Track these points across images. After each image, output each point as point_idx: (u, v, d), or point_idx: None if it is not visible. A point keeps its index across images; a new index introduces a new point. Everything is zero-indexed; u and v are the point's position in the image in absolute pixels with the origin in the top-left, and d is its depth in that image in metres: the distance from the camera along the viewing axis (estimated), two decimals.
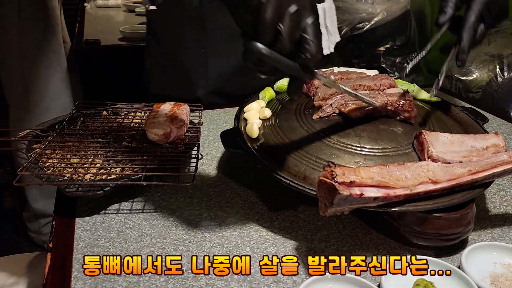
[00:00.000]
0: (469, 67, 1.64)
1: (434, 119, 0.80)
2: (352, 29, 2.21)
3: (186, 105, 0.89)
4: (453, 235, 0.63)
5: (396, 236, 0.66)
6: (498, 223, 0.72)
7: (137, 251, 0.63)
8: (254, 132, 0.75)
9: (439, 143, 0.68)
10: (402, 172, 0.61)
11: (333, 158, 0.68)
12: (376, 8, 2.20)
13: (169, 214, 0.71)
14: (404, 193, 0.59)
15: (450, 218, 0.62)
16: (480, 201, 0.77)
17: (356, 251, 0.65)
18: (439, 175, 0.62)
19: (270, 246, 0.65)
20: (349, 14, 2.20)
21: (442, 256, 0.64)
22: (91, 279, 0.58)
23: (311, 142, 0.71)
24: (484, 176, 0.64)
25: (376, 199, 0.58)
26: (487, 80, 1.55)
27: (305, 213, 0.73)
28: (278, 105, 0.83)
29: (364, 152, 0.69)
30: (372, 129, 0.73)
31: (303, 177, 0.66)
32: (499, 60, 1.56)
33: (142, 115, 0.93)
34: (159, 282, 0.58)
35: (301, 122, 0.76)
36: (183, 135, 0.84)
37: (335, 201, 0.55)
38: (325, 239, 0.67)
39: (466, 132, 0.79)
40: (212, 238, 0.67)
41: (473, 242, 0.67)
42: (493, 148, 0.70)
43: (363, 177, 0.58)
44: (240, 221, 0.70)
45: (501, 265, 0.62)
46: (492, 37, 1.64)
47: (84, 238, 0.66)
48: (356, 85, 0.84)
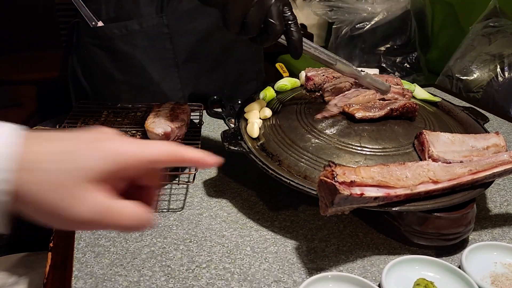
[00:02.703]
0: (469, 66, 1.64)
1: (434, 118, 0.80)
2: (352, 29, 2.22)
3: (186, 105, 0.89)
4: (454, 234, 0.63)
5: (397, 236, 0.66)
6: (498, 223, 0.72)
7: (138, 251, 0.63)
8: (254, 131, 0.75)
9: (440, 142, 0.68)
10: (403, 172, 0.61)
11: (333, 158, 0.68)
12: (376, 8, 2.21)
13: (169, 213, 0.71)
14: (405, 192, 0.59)
15: (450, 217, 0.62)
16: (481, 201, 0.77)
17: (356, 251, 0.65)
18: (440, 175, 0.62)
19: (270, 246, 0.65)
20: (349, 14, 2.21)
21: (442, 256, 0.64)
22: (91, 278, 0.58)
23: (312, 141, 0.71)
24: (485, 176, 0.64)
25: (376, 199, 0.58)
26: (488, 80, 1.55)
27: (306, 213, 0.73)
28: (278, 105, 0.83)
29: (364, 152, 0.69)
30: (373, 129, 0.73)
31: (303, 176, 0.66)
32: (499, 60, 1.56)
33: (143, 114, 0.93)
34: (159, 282, 0.58)
35: (301, 121, 0.76)
36: (183, 134, 0.84)
37: (335, 200, 0.55)
38: (326, 238, 0.67)
39: (466, 132, 0.79)
40: (212, 237, 0.67)
41: (474, 241, 0.66)
42: (494, 148, 0.70)
43: (364, 176, 0.58)
44: (240, 221, 0.70)
45: (502, 264, 0.62)
46: (493, 37, 1.64)
47: (84, 237, 0.66)
48: None
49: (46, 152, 0.35)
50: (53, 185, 0.35)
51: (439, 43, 2.29)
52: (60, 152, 0.36)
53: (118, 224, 0.38)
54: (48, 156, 0.35)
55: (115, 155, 0.37)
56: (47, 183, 0.35)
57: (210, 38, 1.06)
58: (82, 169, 0.36)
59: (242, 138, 0.74)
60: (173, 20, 1.01)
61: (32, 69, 2.45)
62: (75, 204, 0.35)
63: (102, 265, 0.61)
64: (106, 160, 0.36)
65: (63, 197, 0.35)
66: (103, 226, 0.38)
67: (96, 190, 0.36)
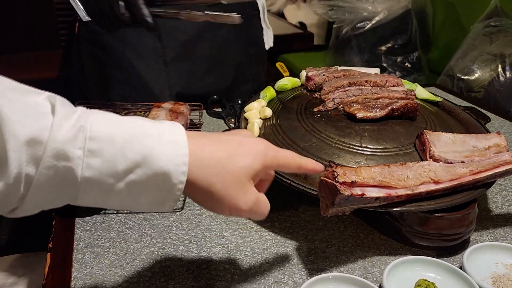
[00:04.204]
0: (471, 66, 1.64)
1: (436, 118, 0.80)
2: (353, 29, 2.21)
3: (186, 105, 0.89)
4: (455, 235, 0.63)
5: (398, 237, 0.66)
6: (500, 223, 0.72)
7: (137, 251, 0.63)
8: (254, 131, 0.75)
9: (441, 142, 0.67)
10: (404, 172, 0.60)
11: (334, 158, 0.67)
12: (377, 7, 2.20)
13: (169, 214, 0.71)
14: (406, 193, 0.59)
15: (452, 218, 0.61)
16: (482, 201, 0.77)
17: (357, 252, 0.65)
18: (441, 175, 0.62)
19: (271, 247, 0.65)
20: (349, 13, 2.20)
21: (444, 257, 0.64)
22: (91, 279, 0.58)
23: (312, 141, 0.71)
24: (486, 176, 0.64)
25: (377, 199, 0.58)
26: (489, 80, 1.55)
27: (306, 213, 0.72)
28: (279, 105, 0.83)
29: (365, 152, 0.69)
30: (374, 129, 0.73)
31: (304, 177, 0.66)
32: (501, 60, 1.55)
33: (142, 114, 0.93)
34: (159, 283, 0.58)
35: (302, 121, 0.75)
36: None
37: (336, 201, 0.55)
38: (326, 239, 0.67)
39: (468, 132, 0.79)
40: (212, 238, 0.66)
41: (475, 242, 0.66)
42: (495, 148, 0.69)
43: (365, 177, 0.57)
44: (240, 221, 0.70)
45: (503, 265, 0.62)
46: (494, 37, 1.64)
47: (84, 238, 0.66)
48: (362, 81, 0.84)
49: (209, 156, 0.44)
50: (224, 179, 0.44)
51: (440, 43, 2.28)
52: (222, 156, 0.45)
53: (261, 213, 0.48)
54: (211, 160, 0.44)
55: (262, 157, 0.47)
56: (219, 177, 0.44)
57: (201, 38, 1.06)
58: (241, 169, 0.45)
59: None
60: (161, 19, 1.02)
61: (31, 68, 2.45)
62: (238, 196, 0.45)
63: (102, 266, 0.60)
64: (256, 160, 0.46)
65: (235, 188, 0.44)
66: (252, 214, 0.47)
67: (251, 185, 0.46)
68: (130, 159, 0.40)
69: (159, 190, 0.42)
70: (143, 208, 0.44)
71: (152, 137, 0.41)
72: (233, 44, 1.11)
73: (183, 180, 0.42)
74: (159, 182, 0.41)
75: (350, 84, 0.83)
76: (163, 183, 0.42)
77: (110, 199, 0.42)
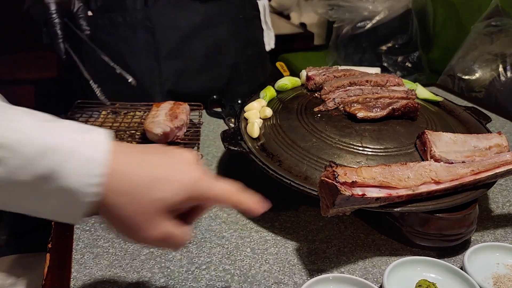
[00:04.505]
0: (472, 66, 1.63)
1: (436, 118, 0.80)
2: (353, 28, 2.21)
3: (186, 104, 0.89)
4: (456, 235, 0.63)
5: (399, 237, 0.66)
6: (501, 224, 0.72)
7: (137, 252, 0.63)
8: (254, 131, 0.74)
9: (442, 142, 0.67)
10: (405, 172, 0.60)
11: (334, 158, 0.67)
12: (377, 7, 2.20)
13: None
14: (407, 193, 0.59)
15: (452, 218, 0.61)
16: (483, 202, 0.77)
17: (357, 252, 0.64)
18: (442, 175, 0.61)
19: (271, 247, 0.65)
20: (350, 13, 2.20)
21: (444, 257, 0.63)
22: (90, 279, 0.58)
23: (313, 141, 0.70)
24: (487, 176, 0.63)
25: (378, 200, 0.57)
26: (490, 80, 1.54)
27: (306, 214, 0.72)
28: (279, 105, 0.83)
29: (366, 152, 0.68)
30: (374, 129, 0.73)
31: (304, 177, 0.65)
32: (502, 59, 1.55)
33: (142, 114, 0.93)
34: (158, 283, 0.58)
35: (302, 121, 0.75)
36: (183, 134, 0.83)
37: (336, 201, 0.54)
38: (327, 239, 0.67)
39: (469, 132, 0.78)
40: (212, 239, 0.66)
41: (476, 242, 0.66)
42: (496, 148, 0.69)
43: (365, 177, 0.57)
44: (240, 222, 0.70)
45: (504, 266, 0.61)
46: (495, 36, 1.63)
47: (83, 238, 0.65)
48: (362, 81, 0.84)
49: (128, 179, 0.41)
50: (135, 209, 0.41)
51: (441, 42, 2.28)
52: (142, 182, 0.41)
53: (172, 246, 0.45)
54: (129, 185, 0.41)
55: (189, 188, 0.43)
56: (130, 205, 0.41)
57: (195, 36, 1.06)
58: (160, 200, 0.41)
59: (242, 138, 0.73)
60: (156, 15, 1.03)
61: (30, 68, 2.44)
62: (149, 227, 0.42)
63: (101, 266, 0.60)
64: (180, 191, 0.42)
65: (142, 220, 0.42)
66: (162, 245, 0.45)
67: (166, 218, 0.43)
68: (36, 172, 0.38)
69: (63, 207, 0.40)
70: (48, 217, 0.42)
71: (66, 152, 0.38)
72: (230, 44, 1.11)
73: (91, 201, 0.39)
74: (65, 199, 0.39)
75: (350, 84, 0.83)
76: (69, 202, 0.39)
77: (12, 207, 0.40)
